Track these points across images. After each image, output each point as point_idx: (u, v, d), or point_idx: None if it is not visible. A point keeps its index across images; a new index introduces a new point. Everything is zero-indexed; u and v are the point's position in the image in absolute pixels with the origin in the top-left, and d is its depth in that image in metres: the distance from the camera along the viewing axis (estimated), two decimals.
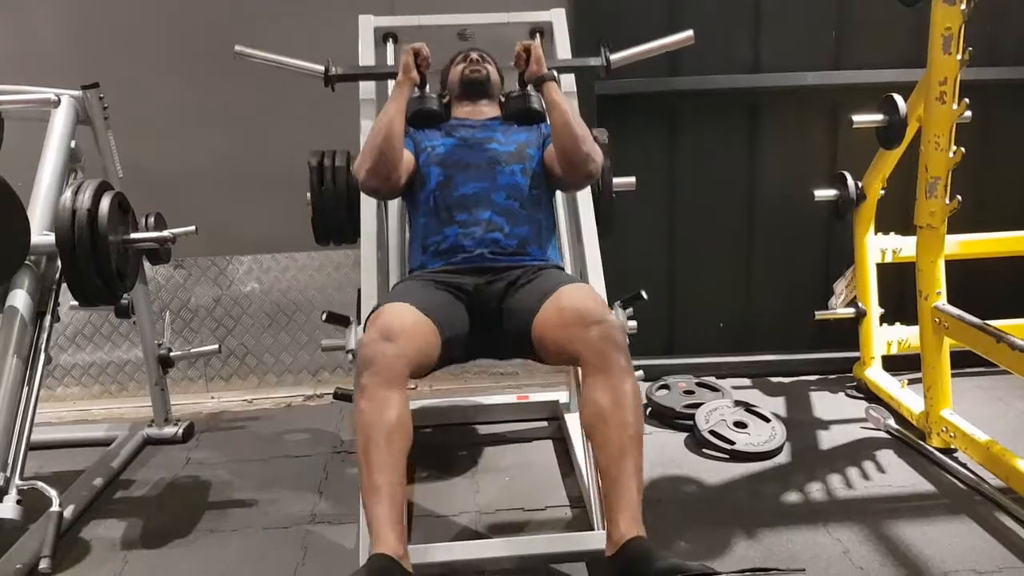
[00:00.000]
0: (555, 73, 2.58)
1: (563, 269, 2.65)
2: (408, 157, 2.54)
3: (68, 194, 2.37)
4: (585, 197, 2.78)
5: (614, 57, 2.92)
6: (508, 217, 2.48)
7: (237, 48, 2.89)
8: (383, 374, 1.99)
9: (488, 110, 2.81)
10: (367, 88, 2.97)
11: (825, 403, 3.48)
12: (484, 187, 2.51)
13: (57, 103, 2.77)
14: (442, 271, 2.43)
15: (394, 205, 2.92)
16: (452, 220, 2.48)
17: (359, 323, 2.50)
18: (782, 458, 2.96)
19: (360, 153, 2.48)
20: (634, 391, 2.03)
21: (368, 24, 3.07)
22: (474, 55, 2.84)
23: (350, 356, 2.41)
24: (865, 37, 3.79)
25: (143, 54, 3.63)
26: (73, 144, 2.80)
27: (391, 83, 2.87)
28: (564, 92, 2.75)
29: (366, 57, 3.03)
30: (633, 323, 2.52)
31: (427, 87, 2.73)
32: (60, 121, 2.76)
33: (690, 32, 2.93)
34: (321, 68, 2.86)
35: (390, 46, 3.09)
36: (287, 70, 2.95)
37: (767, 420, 3.13)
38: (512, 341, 2.35)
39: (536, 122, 2.75)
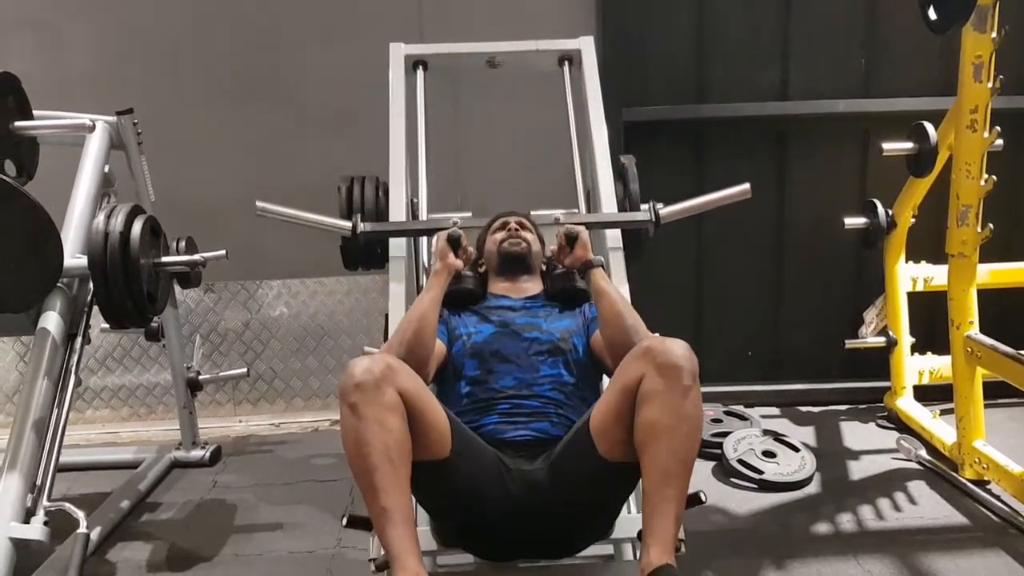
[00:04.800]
0: (602, 259, 2.35)
1: None
2: (439, 348, 2.25)
3: (101, 218, 2.40)
4: (614, 235, 2.73)
5: (663, 211, 2.69)
6: (556, 406, 2.19)
7: (259, 205, 2.67)
8: (371, 391, 1.79)
9: (529, 286, 2.54)
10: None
11: (855, 433, 3.44)
12: (526, 379, 2.23)
13: (92, 128, 2.81)
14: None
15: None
16: (492, 410, 2.18)
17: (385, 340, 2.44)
18: (812, 488, 2.92)
19: (387, 343, 2.21)
20: (694, 413, 1.84)
21: (399, 52, 3.09)
22: (513, 223, 2.56)
23: (372, 567, 2.01)
24: (895, 64, 3.78)
25: (175, 81, 3.69)
26: (107, 168, 2.84)
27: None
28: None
29: (396, 84, 3.04)
30: None
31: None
32: (94, 146, 2.81)
33: (747, 185, 2.71)
34: (348, 224, 2.64)
35: (420, 75, 3.11)
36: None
37: (796, 450, 3.09)
38: (567, 492, 1.99)
39: (580, 303, 2.47)
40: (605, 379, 2.41)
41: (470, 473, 1.98)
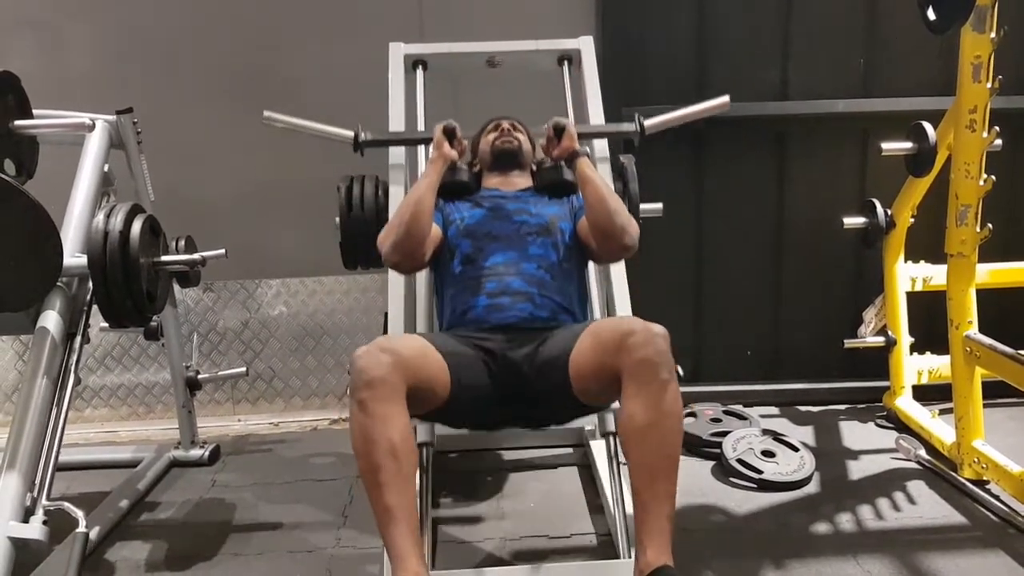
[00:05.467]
0: (587, 149, 2.51)
1: None
2: (435, 232, 2.48)
3: (101, 217, 2.40)
4: (602, 147, 2.78)
5: (648, 123, 2.86)
6: (540, 287, 2.39)
7: (266, 114, 2.85)
8: (379, 387, 1.89)
9: (520, 181, 2.73)
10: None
11: (855, 433, 3.44)
12: (515, 256, 2.44)
13: (91, 127, 2.81)
14: (469, 334, 2.33)
15: None
16: (480, 290, 2.39)
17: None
18: (811, 488, 2.92)
19: (387, 225, 2.41)
20: (674, 408, 1.91)
21: (398, 51, 3.10)
22: (505, 124, 2.77)
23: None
24: (894, 65, 3.78)
25: (175, 80, 3.69)
26: (106, 168, 2.83)
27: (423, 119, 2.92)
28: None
29: (396, 84, 3.05)
30: None
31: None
32: (94, 145, 2.80)
33: (726, 98, 2.86)
34: (350, 134, 2.84)
35: (419, 74, 3.11)
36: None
37: (796, 449, 3.09)
38: (546, 397, 2.23)
39: (568, 194, 2.66)
40: (591, 267, 2.75)
41: (468, 394, 2.19)
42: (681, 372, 2.07)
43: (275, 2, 3.68)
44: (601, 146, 2.91)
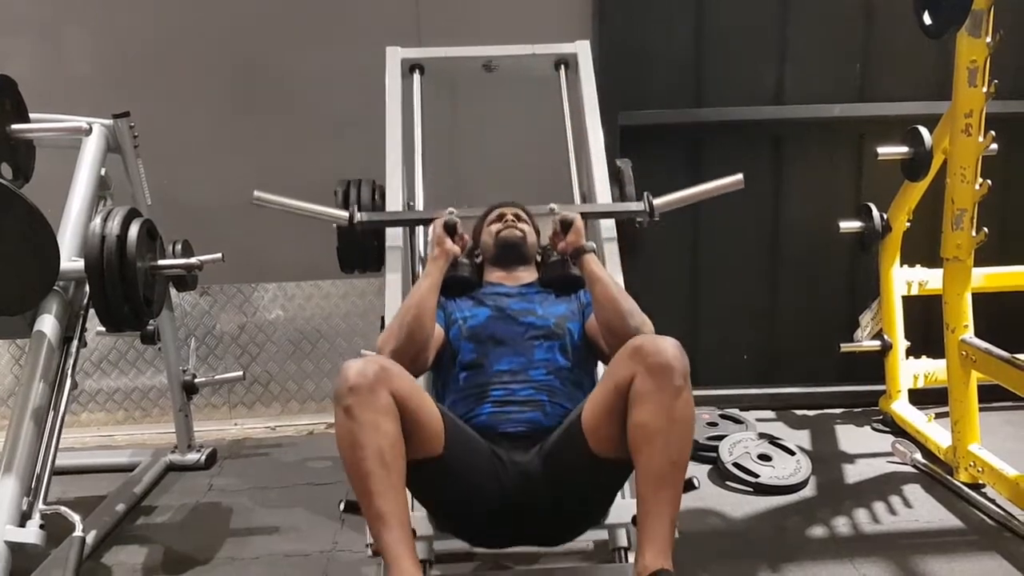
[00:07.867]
0: (594, 245, 2.36)
1: None
2: (437, 332, 2.27)
3: (97, 221, 2.40)
4: (609, 226, 2.76)
5: (657, 202, 2.71)
6: (549, 394, 2.21)
7: (256, 194, 2.68)
8: (365, 393, 1.80)
9: (524, 275, 2.57)
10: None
11: (851, 437, 3.44)
12: (521, 363, 2.26)
13: (89, 131, 2.81)
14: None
15: (420, 230, 2.92)
16: (485, 398, 2.20)
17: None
18: (807, 492, 2.93)
19: (387, 329, 2.20)
20: (685, 414, 1.84)
21: (396, 56, 3.10)
22: (509, 215, 2.59)
23: (368, 551, 2.01)
24: (890, 69, 3.79)
25: (172, 85, 3.68)
26: (103, 172, 2.83)
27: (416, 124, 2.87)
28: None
29: (393, 88, 3.05)
30: None
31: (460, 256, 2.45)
32: (91, 149, 2.80)
33: (739, 176, 2.72)
34: (344, 215, 2.66)
35: (416, 79, 3.11)
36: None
37: (792, 453, 3.10)
38: (558, 480, 2.02)
39: (575, 289, 2.50)
40: (600, 366, 2.41)
41: (464, 468, 2.01)
42: (697, 484, 2.04)
43: (273, 7, 3.68)
44: (608, 226, 2.76)
